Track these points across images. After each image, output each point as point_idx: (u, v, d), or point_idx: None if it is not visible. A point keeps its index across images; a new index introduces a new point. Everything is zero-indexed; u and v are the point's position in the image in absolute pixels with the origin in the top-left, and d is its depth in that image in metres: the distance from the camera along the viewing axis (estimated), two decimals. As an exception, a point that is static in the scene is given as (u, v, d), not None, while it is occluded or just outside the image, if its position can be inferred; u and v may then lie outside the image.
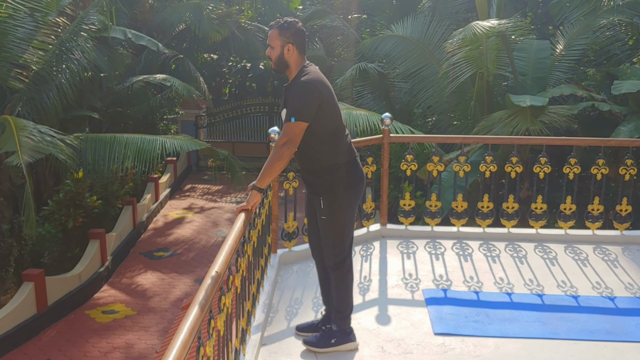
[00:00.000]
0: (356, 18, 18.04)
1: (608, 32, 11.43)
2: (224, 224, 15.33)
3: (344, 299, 3.63)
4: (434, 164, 5.73)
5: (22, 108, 10.55)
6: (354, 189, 3.54)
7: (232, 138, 21.51)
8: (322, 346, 3.64)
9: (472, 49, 9.95)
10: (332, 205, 3.50)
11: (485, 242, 5.54)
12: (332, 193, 3.49)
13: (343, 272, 3.60)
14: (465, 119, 11.25)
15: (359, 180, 3.57)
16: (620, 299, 4.42)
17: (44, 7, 10.77)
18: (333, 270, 3.60)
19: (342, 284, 3.61)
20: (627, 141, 6.57)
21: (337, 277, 3.60)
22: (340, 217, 3.52)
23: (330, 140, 3.47)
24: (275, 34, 3.41)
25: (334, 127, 3.47)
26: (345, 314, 3.65)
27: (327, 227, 3.55)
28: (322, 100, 3.37)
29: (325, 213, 3.52)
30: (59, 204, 11.13)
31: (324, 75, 3.49)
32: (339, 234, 3.55)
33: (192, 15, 17.65)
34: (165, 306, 10.95)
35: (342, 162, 3.50)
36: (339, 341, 3.63)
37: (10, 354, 9.12)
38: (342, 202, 3.50)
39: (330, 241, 3.57)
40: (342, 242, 3.57)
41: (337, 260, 3.57)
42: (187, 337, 2.10)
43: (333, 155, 3.48)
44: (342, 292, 3.62)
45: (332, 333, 3.65)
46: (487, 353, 3.70)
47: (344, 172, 3.50)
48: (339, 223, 3.53)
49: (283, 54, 3.42)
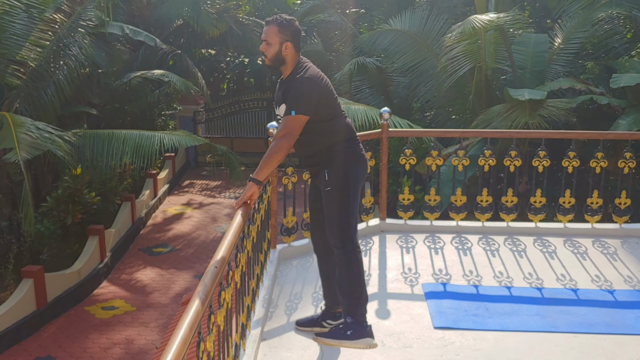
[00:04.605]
0: (354, 12, 18.00)
1: (606, 25, 11.42)
2: (223, 219, 15.34)
3: (354, 282, 3.40)
4: (432, 158, 5.72)
5: (20, 104, 10.54)
6: (356, 165, 3.49)
7: (230, 133, 21.50)
8: (337, 338, 3.40)
9: (470, 42, 9.94)
10: (337, 175, 3.44)
11: (485, 236, 5.55)
12: (335, 165, 3.45)
13: (350, 250, 3.41)
14: (464, 113, 11.25)
15: (360, 159, 3.52)
16: (619, 291, 4.43)
17: (41, 4, 10.75)
18: (340, 249, 3.42)
19: (351, 265, 3.40)
20: (625, 134, 6.58)
21: (345, 256, 3.41)
22: (345, 185, 3.44)
23: (327, 124, 3.46)
24: (274, 30, 3.40)
25: (331, 113, 3.48)
26: (359, 301, 3.40)
27: (332, 198, 3.44)
28: (321, 94, 3.39)
29: (330, 183, 3.43)
30: (58, 200, 11.12)
31: (318, 69, 3.50)
32: (344, 204, 3.44)
33: (189, 11, 17.62)
34: (164, 302, 10.96)
35: (341, 140, 3.48)
36: (355, 334, 3.35)
37: (10, 350, 9.13)
38: (347, 173, 3.45)
39: (336, 214, 3.44)
40: (348, 214, 3.45)
41: (344, 236, 3.42)
42: (187, 333, 2.10)
43: (332, 134, 3.47)
44: (352, 275, 3.40)
45: (347, 325, 3.40)
46: (486, 347, 3.71)
47: (343, 149, 3.48)
48: (345, 192, 3.44)
49: (281, 51, 3.41)
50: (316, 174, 3.57)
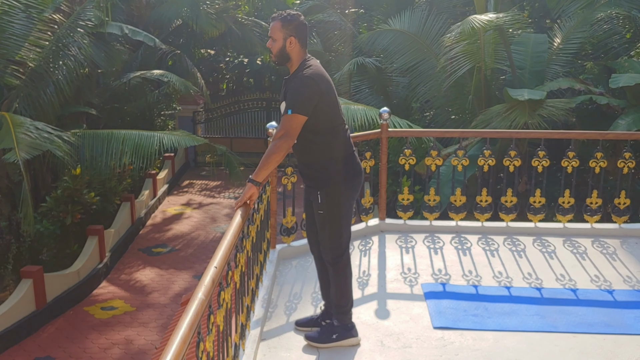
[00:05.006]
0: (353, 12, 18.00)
1: (605, 25, 11.42)
2: (223, 219, 15.34)
3: (343, 293, 3.62)
4: (432, 158, 5.72)
5: (19, 105, 10.53)
6: (351, 183, 3.53)
7: (229, 133, 21.50)
8: (324, 341, 3.63)
9: (469, 42, 9.94)
10: (329, 200, 3.48)
11: (484, 236, 5.55)
12: (329, 187, 3.47)
13: (341, 266, 3.59)
14: (463, 113, 11.25)
15: (356, 175, 3.55)
16: (618, 291, 4.43)
17: (40, 4, 10.74)
18: (331, 265, 3.60)
19: (341, 279, 3.61)
20: (625, 134, 6.58)
21: (336, 271, 3.60)
22: (337, 211, 3.51)
23: (328, 134, 3.45)
24: (278, 26, 3.39)
25: (333, 121, 3.46)
26: (346, 309, 3.65)
27: (324, 222, 3.54)
28: (321, 95, 3.35)
29: (323, 207, 3.50)
30: (57, 200, 11.12)
31: (324, 70, 3.48)
32: (336, 228, 3.53)
33: (189, 11, 17.61)
34: (164, 302, 10.96)
35: (339, 156, 3.49)
36: (340, 336, 3.63)
37: (9, 350, 9.12)
38: (339, 196, 3.49)
39: (327, 235, 3.55)
40: (340, 236, 3.56)
41: (335, 254, 3.56)
42: (186, 333, 2.10)
43: (330, 148, 3.46)
44: (341, 287, 3.62)
45: (334, 328, 3.65)
46: (486, 346, 3.71)
47: (341, 166, 3.48)
48: (337, 218, 3.51)
49: (285, 47, 3.40)
50: (311, 188, 3.58)
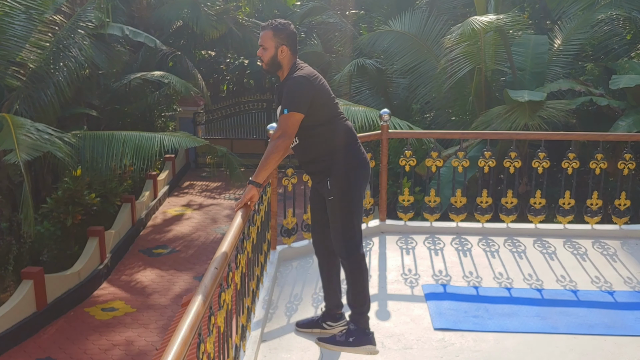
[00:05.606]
0: (354, 14, 18.01)
1: (606, 26, 11.41)
2: (223, 220, 15.34)
3: (359, 291, 3.47)
4: (432, 159, 5.73)
5: (20, 106, 10.53)
6: (358, 170, 3.48)
7: (230, 135, 21.52)
8: (340, 344, 3.48)
9: (470, 44, 9.94)
10: (339, 183, 3.42)
11: (484, 237, 5.55)
12: (337, 173, 3.43)
13: (356, 260, 3.44)
14: (464, 115, 11.25)
15: (362, 164, 3.50)
16: (619, 293, 4.43)
17: (40, 5, 10.74)
18: (345, 259, 3.46)
19: (356, 275, 3.45)
20: (625, 136, 6.57)
21: (350, 267, 3.46)
22: (348, 195, 3.43)
23: (328, 125, 3.44)
24: (270, 35, 3.41)
25: (330, 113, 3.46)
26: (362, 309, 3.48)
27: (335, 207, 3.45)
28: (315, 91, 3.36)
29: (333, 192, 3.43)
30: (58, 201, 11.12)
31: (315, 70, 3.49)
32: (347, 214, 3.44)
33: (189, 12, 17.62)
34: (164, 303, 10.96)
35: (342, 144, 3.47)
36: (357, 341, 3.45)
37: (10, 351, 9.12)
38: (349, 180, 3.44)
39: (339, 225, 3.46)
40: (352, 225, 3.46)
41: (349, 245, 3.44)
42: (187, 334, 2.10)
43: (332, 137, 3.45)
44: (356, 285, 3.46)
45: (350, 332, 3.49)
46: (486, 348, 3.71)
47: (346, 153, 3.46)
48: (348, 203, 3.44)
49: (277, 55, 3.42)
50: (318, 182, 3.55)
